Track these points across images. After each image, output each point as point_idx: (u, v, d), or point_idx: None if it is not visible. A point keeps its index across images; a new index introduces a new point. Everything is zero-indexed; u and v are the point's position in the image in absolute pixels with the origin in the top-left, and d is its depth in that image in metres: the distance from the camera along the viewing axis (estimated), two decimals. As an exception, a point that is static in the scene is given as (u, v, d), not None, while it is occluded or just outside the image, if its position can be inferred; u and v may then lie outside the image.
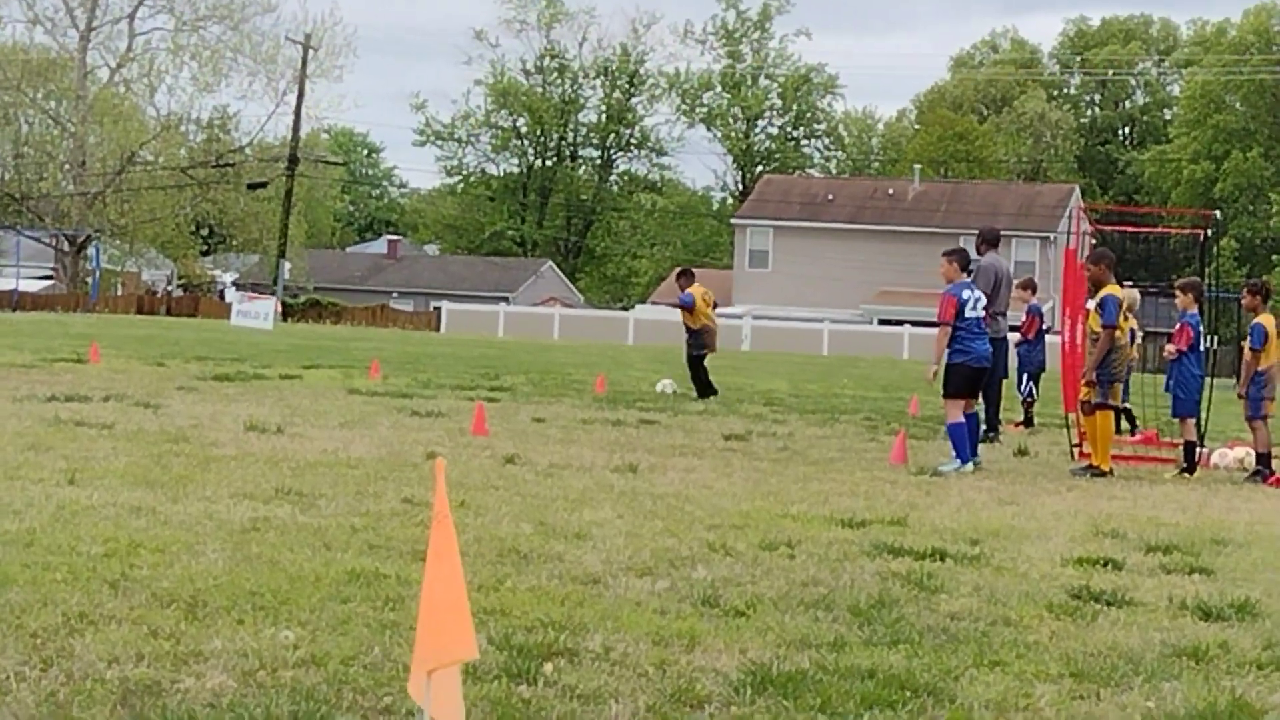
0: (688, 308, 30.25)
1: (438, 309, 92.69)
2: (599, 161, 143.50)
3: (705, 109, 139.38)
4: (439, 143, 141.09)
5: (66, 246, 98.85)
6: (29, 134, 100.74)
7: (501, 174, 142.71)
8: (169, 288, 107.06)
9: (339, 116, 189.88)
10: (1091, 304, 19.49)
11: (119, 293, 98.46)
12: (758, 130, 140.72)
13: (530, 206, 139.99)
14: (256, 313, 64.04)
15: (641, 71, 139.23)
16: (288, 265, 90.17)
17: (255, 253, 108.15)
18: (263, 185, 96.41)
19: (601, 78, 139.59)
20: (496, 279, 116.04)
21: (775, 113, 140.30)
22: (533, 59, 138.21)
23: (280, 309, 76.21)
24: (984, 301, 19.22)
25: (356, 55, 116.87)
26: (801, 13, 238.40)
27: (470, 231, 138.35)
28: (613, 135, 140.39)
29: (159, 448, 15.60)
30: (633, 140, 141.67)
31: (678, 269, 32.93)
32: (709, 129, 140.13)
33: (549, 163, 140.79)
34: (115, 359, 32.14)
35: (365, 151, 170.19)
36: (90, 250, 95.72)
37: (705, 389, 29.69)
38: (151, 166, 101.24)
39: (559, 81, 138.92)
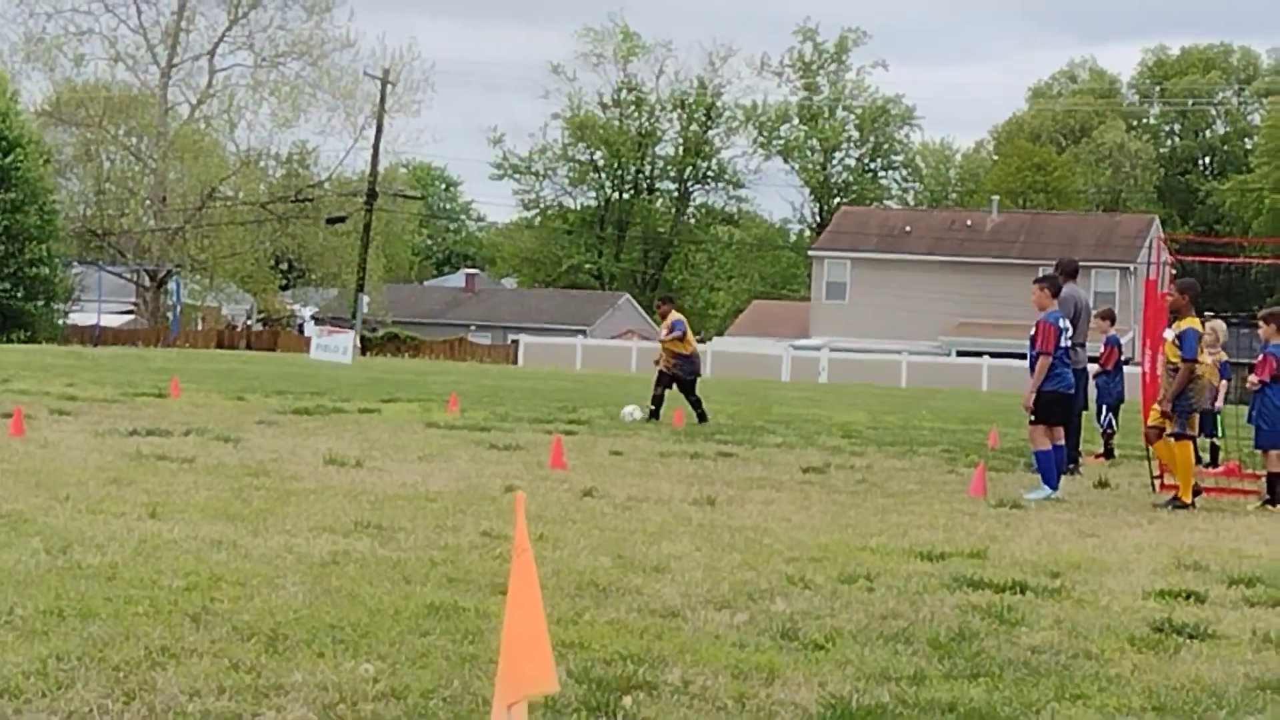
0: (681, 336, 30.36)
1: (515, 342, 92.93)
2: (676, 194, 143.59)
3: (782, 141, 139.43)
4: (516, 176, 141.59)
5: (147, 282, 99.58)
6: (111, 170, 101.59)
7: (579, 207, 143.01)
8: (249, 322, 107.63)
9: (417, 151, 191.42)
10: (1170, 334, 19.34)
11: (199, 327, 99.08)
12: (835, 162, 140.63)
13: (607, 239, 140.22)
14: (335, 347, 64.28)
15: (718, 104, 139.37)
16: (366, 299, 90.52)
17: (334, 287, 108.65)
18: (341, 220, 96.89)
19: (678, 110, 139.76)
20: (574, 312, 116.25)
21: (852, 144, 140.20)
22: (610, 92, 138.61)
23: (359, 343, 76.51)
24: (1071, 331, 19.16)
25: (434, 90, 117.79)
26: (878, 44, 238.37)
27: (548, 265, 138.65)
28: (690, 168, 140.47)
29: (239, 481, 15.67)
30: (710, 173, 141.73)
31: (660, 298, 33.05)
32: (786, 161, 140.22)
33: (626, 195, 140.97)
34: (196, 393, 32.33)
35: (443, 185, 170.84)
36: (171, 285, 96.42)
37: (700, 412, 30.23)
38: (231, 202, 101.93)
39: (636, 114, 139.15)
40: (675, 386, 30.52)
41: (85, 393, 30.47)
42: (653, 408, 30.28)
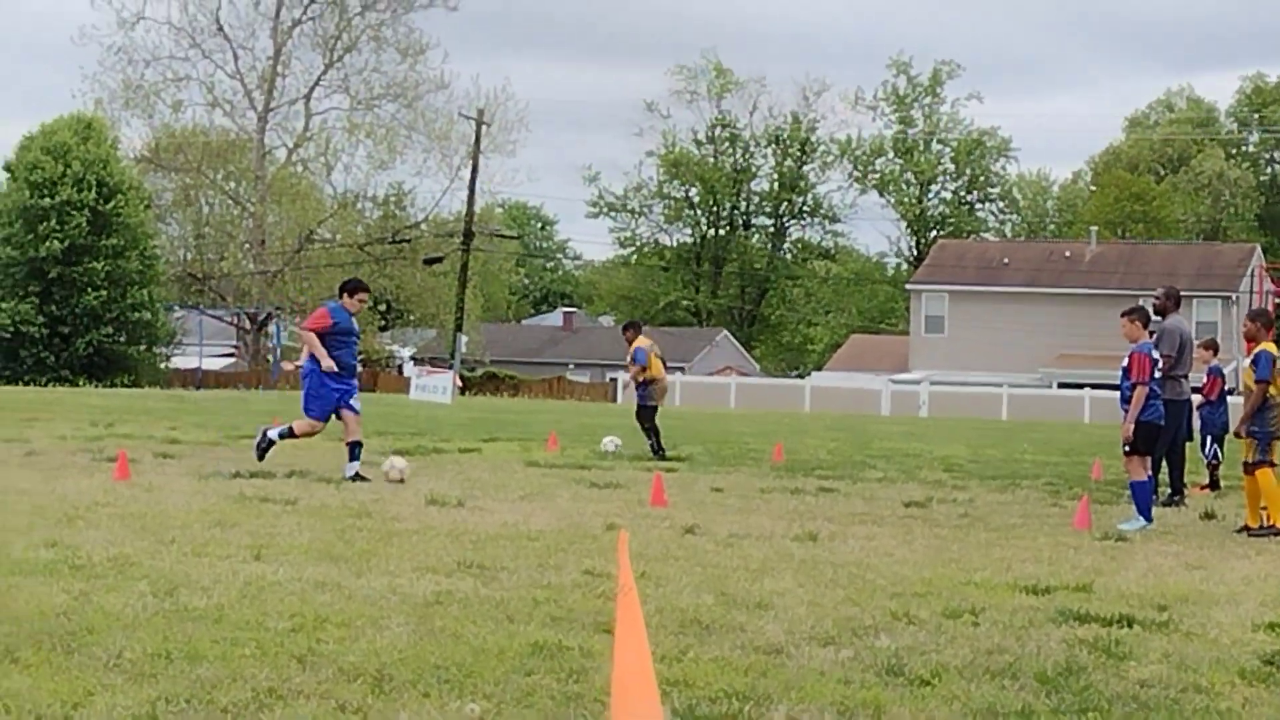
0: (641, 364, 30.18)
1: (613, 380, 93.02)
2: (772, 229, 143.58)
3: (878, 175, 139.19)
4: (612, 214, 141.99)
5: (248, 324, 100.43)
6: (210, 215, 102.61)
7: (675, 244, 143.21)
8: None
9: (513, 190, 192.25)
10: (1246, 361, 19.23)
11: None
12: (931, 195, 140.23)
13: (704, 276, 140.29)
14: (435, 387, 64.53)
15: (813, 139, 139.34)
16: (464, 339, 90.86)
17: (432, 327, 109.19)
18: (439, 260, 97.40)
19: (773, 146, 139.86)
20: (671, 349, 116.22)
21: (948, 177, 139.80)
22: (704, 129, 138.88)
23: (458, 382, 76.84)
24: (1160, 362, 19.05)
25: (529, 129, 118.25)
26: (972, 77, 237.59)
27: (645, 302, 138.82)
28: (785, 203, 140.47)
29: (342, 523, 15.74)
30: (805, 207, 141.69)
31: (625, 323, 32.65)
32: (882, 195, 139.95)
33: (722, 232, 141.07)
34: (297, 435, 32.48)
35: (539, 224, 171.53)
36: (271, 328, 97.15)
37: (658, 444, 29.78)
38: (329, 244, 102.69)
39: (730, 151, 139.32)
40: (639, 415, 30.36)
41: (188, 436, 30.71)
42: (650, 442, 29.96)
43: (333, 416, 22.11)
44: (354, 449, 21.89)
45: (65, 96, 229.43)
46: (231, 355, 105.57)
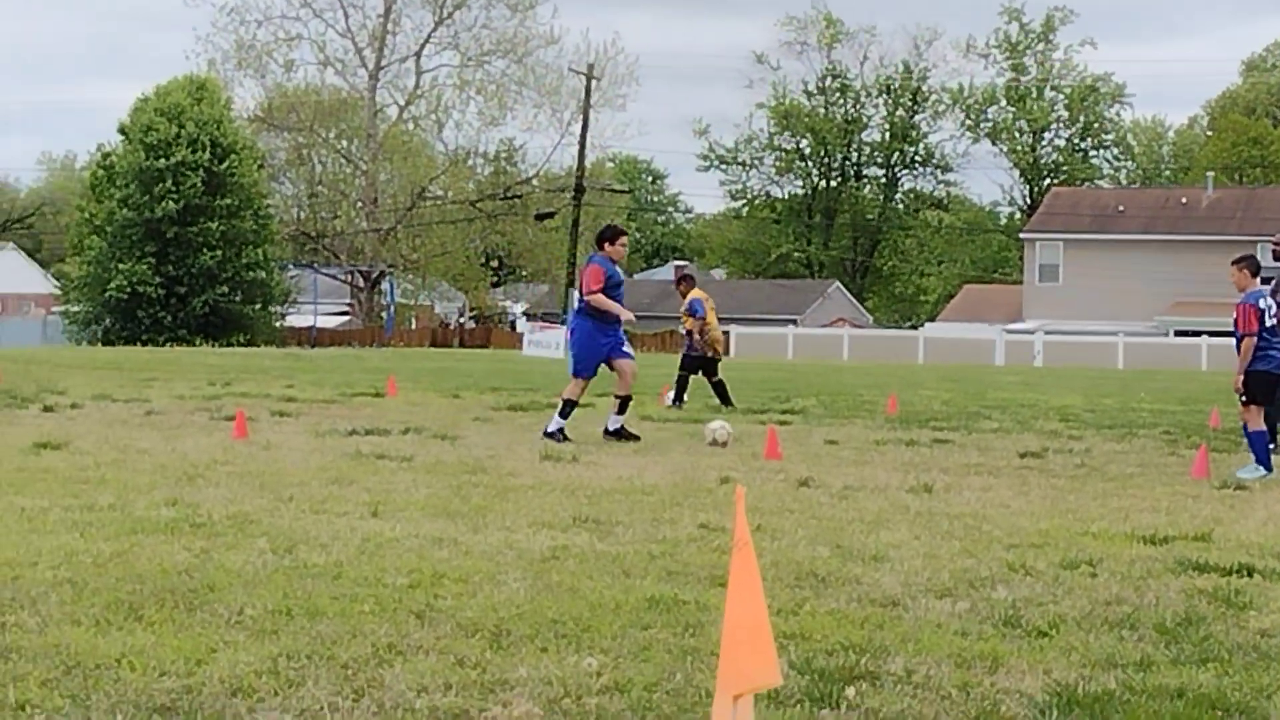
0: (700, 316, 30.23)
1: (726, 333, 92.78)
2: (884, 180, 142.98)
3: (990, 123, 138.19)
4: (723, 167, 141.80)
5: (361, 282, 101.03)
6: (322, 174, 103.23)
7: (786, 196, 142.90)
8: (461, 320, 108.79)
9: (623, 144, 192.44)
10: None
11: (413, 326, 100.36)
12: (1044, 143, 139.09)
13: (815, 228, 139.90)
14: (548, 342, 64.77)
15: (924, 88, 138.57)
16: (576, 294, 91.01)
17: (544, 282, 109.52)
18: (550, 215, 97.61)
19: (884, 96, 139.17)
20: (784, 301, 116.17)
21: (1062, 124, 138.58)
22: (814, 80, 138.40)
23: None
24: (1276, 309, 18.81)
25: (639, 83, 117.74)
26: (1086, 23, 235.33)
27: (756, 255, 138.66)
28: (897, 153, 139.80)
29: (458, 479, 15.82)
30: (917, 158, 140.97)
31: (679, 275, 32.91)
32: (994, 144, 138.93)
33: (833, 183, 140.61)
34: (412, 392, 32.70)
35: (650, 178, 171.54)
36: (384, 285, 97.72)
37: (725, 395, 30.24)
38: (441, 201, 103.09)
39: (841, 101, 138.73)
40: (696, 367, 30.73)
41: (304, 394, 30.93)
42: (718, 395, 30.34)
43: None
44: (624, 403, 21.80)
45: (178, 58, 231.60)
46: (346, 313, 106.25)
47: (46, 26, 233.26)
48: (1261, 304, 18.40)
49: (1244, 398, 18.34)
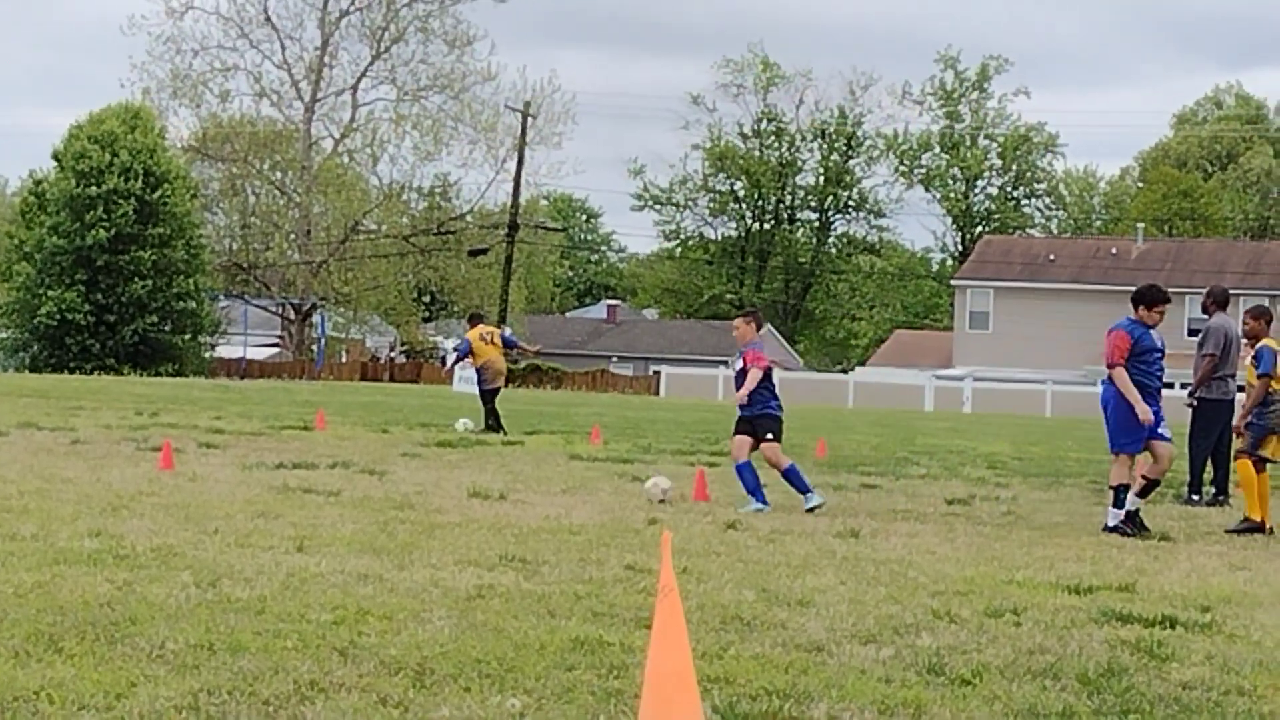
0: (463, 355, 33.01)
1: (657, 373, 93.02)
2: (817, 224, 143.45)
3: (924, 170, 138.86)
4: (657, 207, 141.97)
5: (293, 315, 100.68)
6: (256, 205, 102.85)
7: (719, 238, 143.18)
8: (392, 354, 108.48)
9: (558, 182, 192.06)
10: (1248, 359, 19.23)
11: (343, 360, 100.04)
12: (977, 190, 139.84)
13: (748, 270, 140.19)
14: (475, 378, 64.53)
15: (859, 133, 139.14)
16: (508, 331, 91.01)
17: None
18: (483, 252, 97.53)
19: (819, 140, 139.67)
20: (715, 342, 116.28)
21: (995, 172, 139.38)
22: (750, 122, 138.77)
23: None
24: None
25: (575, 122, 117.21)
26: (1020, 71, 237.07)
27: (689, 295, 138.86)
28: (831, 197, 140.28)
29: (385, 515, 15.79)
30: (851, 202, 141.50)
31: (470, 314, 34.81)
32: (928, 190, 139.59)
33: (767, 226, 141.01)
34: (341, 426, 32.62)
35: (584, 217, 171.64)
36: (315, 318, 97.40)
37: (495, 424, 32.27)
38: (374, 235, 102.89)
39: (776, 145, 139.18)
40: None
41: (232, 426, 30.82)
42: (490, 422, 32.30)
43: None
44: (1150, 487, 18.13)
45: (113, 86, 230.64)
46: (276, 345, 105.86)
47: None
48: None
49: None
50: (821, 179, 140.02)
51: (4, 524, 13.74)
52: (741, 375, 18.69)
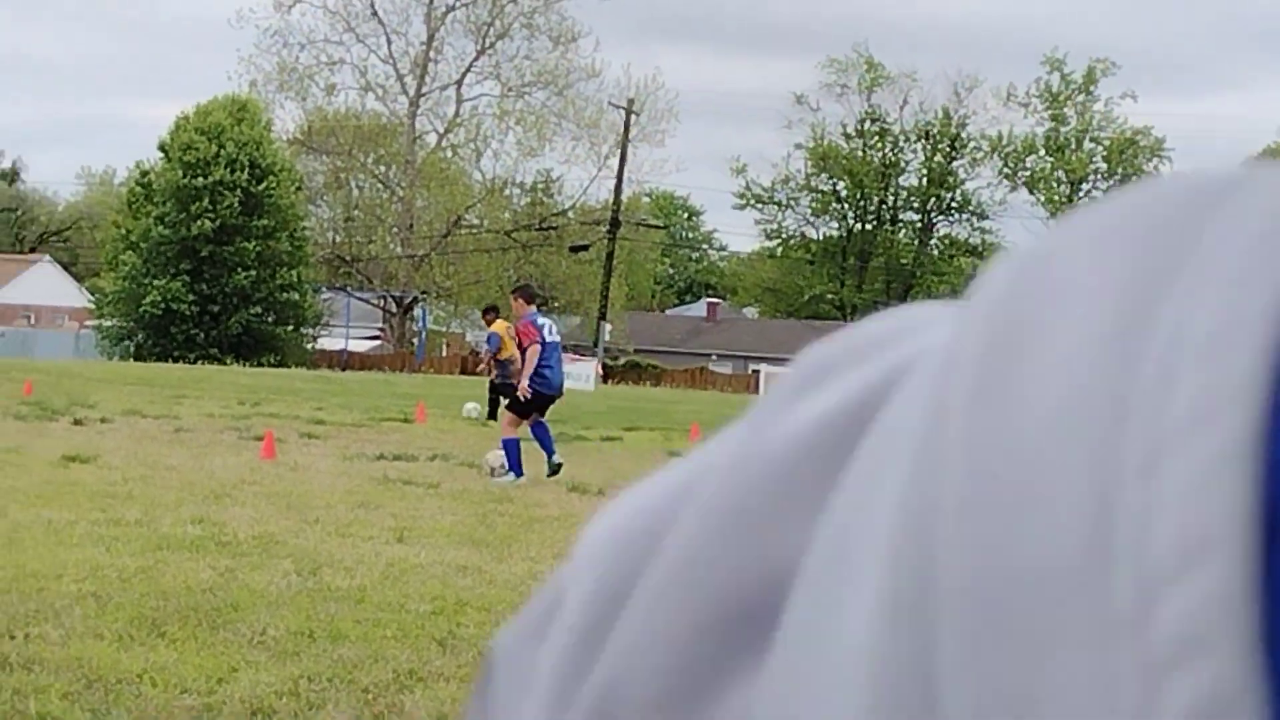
0: (494, 350, 31.34)
1: (756, 372, 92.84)
2: (919, 225, 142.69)
3: (1028, 172, 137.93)
4: (759, 206, 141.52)
5: (394, 308, 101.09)
6: (359, 198, 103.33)
7: (821, 237, 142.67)
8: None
9: (660, 180, 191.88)
10: None
11: (444, 353, 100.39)
12: (1081, 194, 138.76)
13: (849, 270, 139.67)
14: (578, 374, 64.69)
15: (963, 135, 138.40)
16: (608, 327, 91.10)
17: (576, 315, 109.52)
18: (585, 248, 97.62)
19: (923, 141, 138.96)
20: (815, 342, 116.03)
21: (1100, 176, 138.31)
22: (853, 123, 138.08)
23: (601, 370, 76.99)
24: None
25: (678, 120, 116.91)
26: (1127, 75, 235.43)
27: (789, 295, 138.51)
28: (934, 199, 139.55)
29: (484, 507, 15.83)
30: (954, 204, 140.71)
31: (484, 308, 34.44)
32: (1031, 192, 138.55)
33: (869, 226, 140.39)
34: (441, 419, 32.73)
35: (686, 215, 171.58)
36: (417, 311, 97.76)
37: (492, 414, 31.90)
38: (476, 230, 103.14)
39: (879, 145, 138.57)
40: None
41: (333, 417, 30.97)
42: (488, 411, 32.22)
43: None
44: None
45: (220, 79, 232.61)
46: (377, 338, 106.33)
47: (90, 43, 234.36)
48: None
49: None
50: (925, 180, 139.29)
51: (109, 509, 13.87)
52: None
